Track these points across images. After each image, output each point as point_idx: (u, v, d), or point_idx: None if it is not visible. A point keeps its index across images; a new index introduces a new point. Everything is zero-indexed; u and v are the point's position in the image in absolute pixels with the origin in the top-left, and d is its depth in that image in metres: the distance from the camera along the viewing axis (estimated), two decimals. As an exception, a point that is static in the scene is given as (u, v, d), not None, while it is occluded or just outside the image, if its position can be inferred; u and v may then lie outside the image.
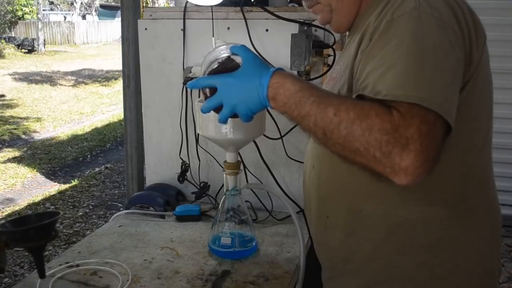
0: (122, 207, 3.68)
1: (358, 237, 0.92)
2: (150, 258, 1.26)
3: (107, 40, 23.15)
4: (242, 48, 0.90)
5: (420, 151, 0.67)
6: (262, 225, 1.49)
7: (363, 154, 0.71)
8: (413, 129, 0.68)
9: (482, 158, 0.90)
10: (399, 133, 0.68)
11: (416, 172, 0.68)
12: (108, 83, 11.60)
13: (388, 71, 0.73)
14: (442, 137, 0.71)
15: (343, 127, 0.72)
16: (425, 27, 0.75)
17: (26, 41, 17.24)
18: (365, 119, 0.70)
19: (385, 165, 0.69)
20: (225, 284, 1.14)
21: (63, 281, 1.14)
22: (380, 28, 0.78)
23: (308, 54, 1.38)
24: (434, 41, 0.74)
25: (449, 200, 0.86)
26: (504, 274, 2.97)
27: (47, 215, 0.97)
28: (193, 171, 1.67)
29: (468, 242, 0.89)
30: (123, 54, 1.91)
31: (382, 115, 0.70)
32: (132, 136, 1.96)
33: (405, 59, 0.73)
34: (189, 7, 1.59)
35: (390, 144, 0.68)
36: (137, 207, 1.58)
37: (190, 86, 0.94)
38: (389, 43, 0.75)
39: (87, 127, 7.44)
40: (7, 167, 5.46)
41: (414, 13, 0.75)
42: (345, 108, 0.73)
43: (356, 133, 0.71)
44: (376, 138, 0.69)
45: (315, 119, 0.76)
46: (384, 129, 0.69)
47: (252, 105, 0.86)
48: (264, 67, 0.86)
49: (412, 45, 0.73)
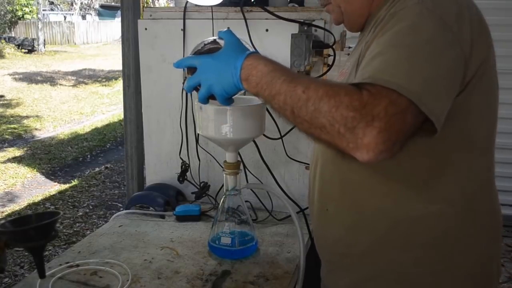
0: (122, 207, 3.68)
1: (357, 232, 0.93)
2: (150, 258, 1.26)
3: (107, 40, 23.15)
4: (227, 33, 0.94)
5: (384, 129, 0.69)
6: (262, 225, 1.49)
7: (328, 130, 0.72)
8: (381, 108, 0.69)
9: (486, 160, 0.90)
10: (366, 110, 0.69)
11: (377, 148, 0.69)
12: (108, 83, 11.60)
13: (377, 57, 0.75)
14: (413, 125, 0.72)
15: (311, 103, 0.74)
16: (423, 22, 0.76)
17: (26, 41, 17.24)
18: (334, 96, 0.72)
19: (348, 140, 0.71)
20: (225, 284, 1.14)
21: (63, 281, 1.14)
22: (384, 20, 0.81)
23: (308, 54, 1.38)
24: (429, 37, 0.75)
25: (452, 199, 0.86)
26: (504, 274, 2.97)
27: (47, 215, 0.97)
28: (193, 171, 1.67)
29: (469, 242, 0.89)
30: (123, 54, 1.91)
31: (351, 94, 0.71)
32: (132, 136, 1.97)
33: (396, 48, 0.75)
34: (189, 7, 1.59)
35: (355, 120, 0.69)
36: (137, 207, 1.58)
37: (174, 65, 1.00)
38: (386, 33, 0.78)
39: (87, 127, 7.44)
40: (7, 167, 5.46)
41: (415, 8, 0.78)
42: (315, 86, 0.75)
43: (323, 109, 0.72)
44: (343, 114, 0.70)
45: (285, 98, 0.78)
46: (351, 105, 0.70)
47: (227, 86, 0.89)
48: (242, 51, 0.89)
49: (406, 36, 0.75)
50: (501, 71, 0.91)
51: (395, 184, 0.88)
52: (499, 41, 0.94)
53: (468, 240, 0.88)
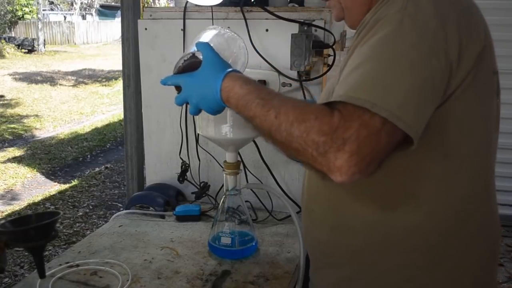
0: (122, 207, 3.68)
1: (340, 234, 0.92)
2: (150, 258, 1.26)
3: (107, 40, 23.14)
4: (205, 47, 0.95)
5: (356, 152, 0.68)
6: (262, 225, 1.49)
7: (302, 153, 0.73)
8: (352, 131, 0.69)
9: (474, 170, 0.86)
10: (337, 134, 0.69)
11: (350, 171, 0.69)
12: (108, 83, 11.60)
13: (353, 72, 0.74)
14: (388, 143, 0.71)
15: (283, 128, 0.75)
16: (403, 31, 0.74)
17: (26, 41, 17.24)
18: (304, 121, 0.73)
19: (321, 164, 0.71)
20: (225, 284, 1.14)
21: (63, 281, 1.14)
22: (368, 25, 0.79)
23: (308, 54, 1.38)
24: (408, 47, 0.73)
25: (431, 210, 0.84)
26: (504, 274, 2.97)
27: (47, 215, 0.97)
28: (193, 171, 1.67)
29: (451, 253, 0.86)
30: (123, 54, 1.91)
31: (321, 117, 0.71)
32: (132, 136, 1.96)
33: (373, 62, 0.74)
34: (189, 7, 1.59)
35: (326, 144, 0.70)
36: (137, 207, 1.58)
37: (161, 82, 1.02)
38: (366, 43, 0.76)
39: (87, 127, 7.44)
40: (7, 167, 5.46)
41: (397, 16, 0.75)
42: (286, 110, 0.76)
43: (295, 134, 0.73)
44: (314, 139, 0.71)
45: (260, 121, 0.80)
46: (321, 130, 0.70)
47: (212, 105, 0.92)
48: (219, 70, 0.91)
49: (385, 48, 0.74)
50: (501, 71, 0.90)
51: (374, 192, 0.86)
52: (499, 41, 0.94)
53: (451, 252, 0.85)
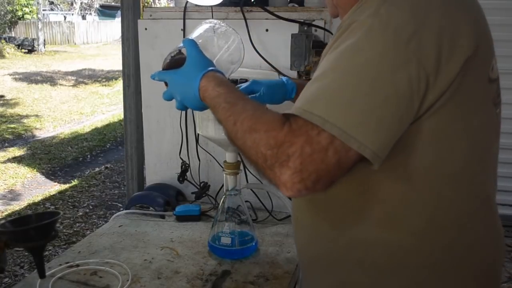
0: (122, 207, 3.68)
1: (320, 245, 0.91)
2: (150, 258, 1.26)
3: (107, 40, 23.15)
4: (189, 44, 0.97)
5: (299, 169, 0.66)
6: (262, 225, 1.49)
7: (255, 163, 0.73)
8: (296, 147, 0.67)
9: (461, 189, 0.79)
10: (282, 149, 0.67)
11: (295, 187, 0.67)
12: (108, 83, 11.60)
13: (314, 82, 0.72)
14: (339, 160, 0.67)
15: (240, 136, 0.75)
16: (371, 39, 0.69)
17: (26, 41, 17.24)
18: (255, 132, 0.72)
19: (270, 176, 0.70)
20: (225, 284, 1.14)
21: (63, 281, 1.14)
22: (341, 29, 0.75)
23: (308, 54, 1.39)
24: (373, 59, 0.68)
25: (415, 229, 0.79)
26: (504, 274, 2.97)
27: (47, 215, 0.97)
28: (193, 171, 1.67)
29: (424, 274, 0.80)
30: (123, 54, 1.91)
31: (271, 130, 0.70)
32: (132, 136, 1.96)
33: (335, 73, 0.70)
34: (189, 7, 1.59)
35: (272, 158, 0.68)
36: (137, 207, 1.58)
37: (151, 77, 1.05)
38: (334, 51, 0.73)
39: (87, 127, 7.43)
40: (7, 167, 5.46)
41: (368, 21, 0.70)
42: (242, 119, 0.76)
43: (247, 144, 0.73)
44: (262, 152, 0.70)
45: (224, 125, 0.82)
46: (268, 144, 0.69)
47: (194, 102, 0.93)
48: (200, 68, 0.92)
49: (349, 58, 0.70)
50: (501, 71, 0.89)
51: (343, 206, 0.84)
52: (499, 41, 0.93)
53: (424, 272, 0.80)
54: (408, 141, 0.73)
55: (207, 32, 1.10)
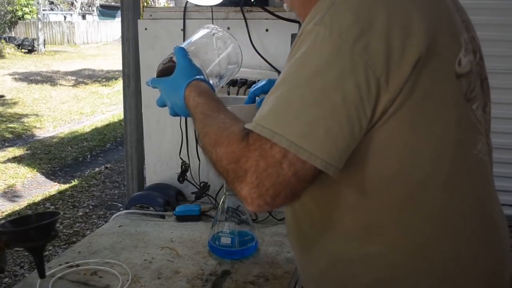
0: (122, 207, 3.68)
1: (307, 261, 0.90)
2: (150, 258, 1.26)
3: (107, 40, 23.15)
4: (179, 52, 1.01)
5: (256, 184, 0.65)
6: (262, 225, 1.49)
7: (221, 176, 0.72)
8: (252, 162, 0.66)
9: (436, 194, 0.75)
10: (240, 164, 0.67)
11: (255, 202, 0.66)
12: (108, 83, 11.60)
13: (270, 95, 0.71)
14: (296, 173, 0.65)
15: (208, 150, 0.75)
16: (316, 49, 0.68)
17: (26, 41, 17.24)
18: (218, 146, 0.71)
19: (234, 190, 0.69)
20: (225, 284, 1.14)
21: (63, 281, 1.14)
22: (297, 36, 0.74)
23: (308, 54, 1.38)
24: (319, 67, 0.66)
25: (395, 241, 0.76)
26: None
27: (47, 215, 0.97)
28: (193, 171, 1.67)
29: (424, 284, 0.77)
30: (123, 54, 1.91)
31: (231, 145, 0.69)
32: (132, 136, 1.96)
33: (284, 85, 0.69)
34: (189, 7, 1.59)
35: (233, 172, 0.68)
36: (137, 207, 1.58)
37: (146, 83, 1.08)
38: (288, 60, 0.72)
39: (87, 127, 7.44)
40: (7, 167, 5.46)
41: (315, 29, 0.68)
42: (211, 131, 0.76)
43: (213, 157, 0.73)
44: (223, 166, 0.70)
45: (198, 136, 0.82)
46: (227, 158, 0.69)
47: (183, 110, 0.95)
48: (186, 77, 0.95)
49: (298, 69, 0.69)
50: (501, 71, 0.89)
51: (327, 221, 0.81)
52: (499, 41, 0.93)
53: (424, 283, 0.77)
54: (367, 149, 0.71)
55: (203, 38, 1.11)
